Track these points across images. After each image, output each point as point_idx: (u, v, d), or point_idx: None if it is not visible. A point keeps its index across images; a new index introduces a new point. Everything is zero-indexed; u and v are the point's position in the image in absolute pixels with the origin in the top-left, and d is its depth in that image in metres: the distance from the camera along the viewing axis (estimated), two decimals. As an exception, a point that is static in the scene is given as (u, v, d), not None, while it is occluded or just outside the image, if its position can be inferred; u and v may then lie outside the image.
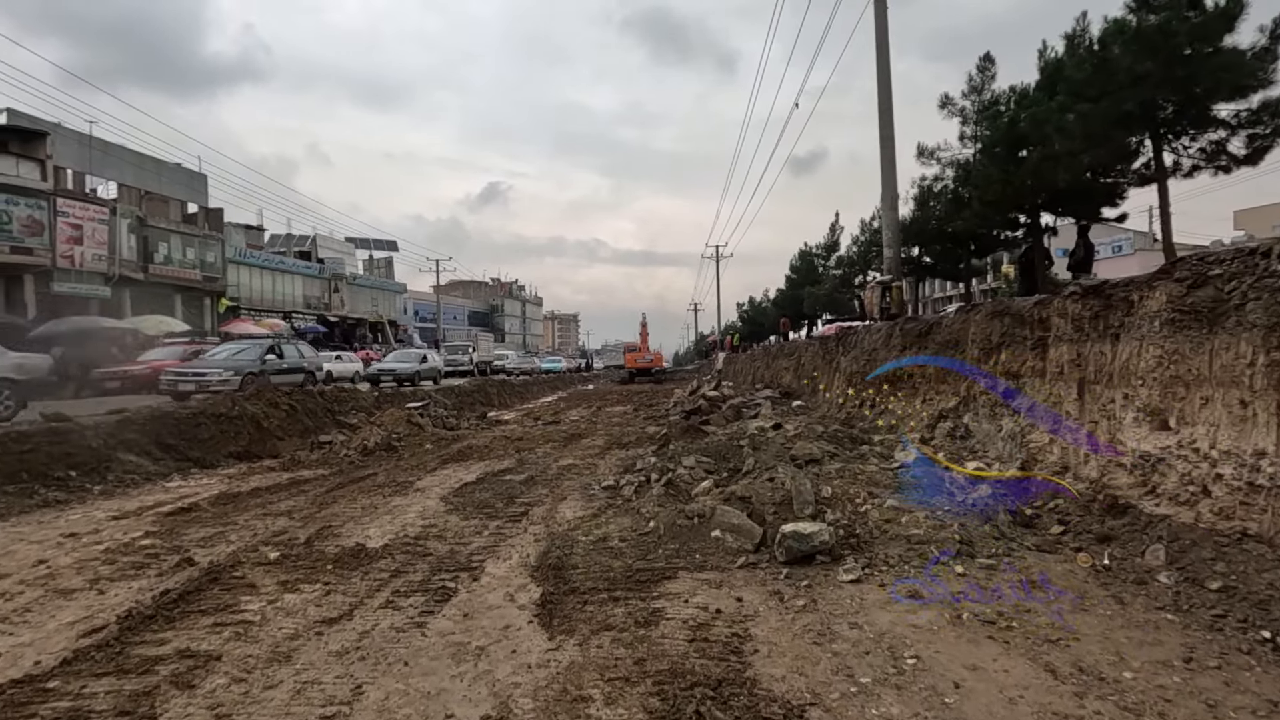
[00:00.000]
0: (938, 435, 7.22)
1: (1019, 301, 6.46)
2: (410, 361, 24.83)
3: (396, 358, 26.40)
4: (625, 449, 9.45)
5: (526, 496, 6.54)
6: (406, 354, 27.30)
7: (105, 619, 3.62)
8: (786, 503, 4.57)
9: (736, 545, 4.30)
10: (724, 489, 5.09)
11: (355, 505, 6.41)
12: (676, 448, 7.02)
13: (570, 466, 8.18)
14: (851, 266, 26.90)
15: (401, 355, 27.19)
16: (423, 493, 6.95)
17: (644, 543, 4.54)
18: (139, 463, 8.30)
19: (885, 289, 12.52)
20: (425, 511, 6.05)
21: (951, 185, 14.78)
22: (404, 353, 28.03)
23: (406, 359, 25.56)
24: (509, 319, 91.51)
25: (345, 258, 53.72)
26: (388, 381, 21.71)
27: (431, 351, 29.61)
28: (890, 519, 4.28)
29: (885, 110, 12.82)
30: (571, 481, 7.21)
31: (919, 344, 8.75)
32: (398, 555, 4.68)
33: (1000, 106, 12.92)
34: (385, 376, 22.42)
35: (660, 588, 3.81)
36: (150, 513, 6.28)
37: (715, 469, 6.20)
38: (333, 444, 10.63)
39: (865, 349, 11.00)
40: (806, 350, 16.00)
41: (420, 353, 27.30)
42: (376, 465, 8.97)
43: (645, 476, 6.47)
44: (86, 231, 27.43)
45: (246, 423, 10.40)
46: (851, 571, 3.75)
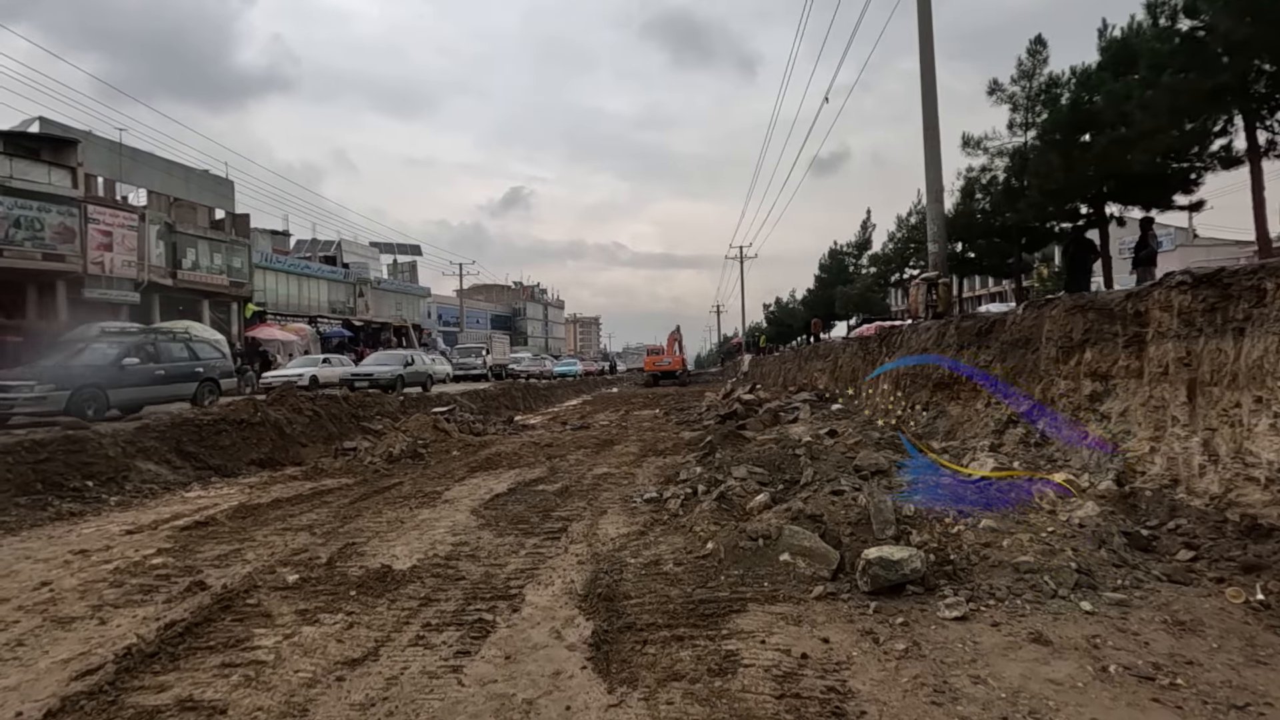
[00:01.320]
0: (1008, 442, 6.61)
1: (1106, 294, 5.85)
2: (392, 364, 21.29)
3: (376, 360, 22.99)
4: (662, 456, 8.95)
5: (563, 510, 6.06)
6: (389, 356, 23.67)
7: (103, 656, 3.20)
8: (864, 522, 4.03)
9: (810, 572, 3.77)
10: (785, 504, 4.56)
11: (380, 519, 5.98)
12: (723, 456, 6.50)
13: (606, 476, 7.69)
14: (888, 264, 26.06)
15: (383, 357, 23.49)
16: (452, 505, 6.51)
17: (702, 567, 4.02)
18: (158, 471, 7.99)
19: (931, 286, 11.86)
20: (455, 526, 5.59)
21: (1002, 175, 14.02)
22: (387, 354, 24.43)
23: (388, 361, 22.11)
24: (531, 322, 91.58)
25: (370, 262, 53.96)
26: (363, 386, 18.35)
27: (421, 354, 25.69)
28: (989, 542, 3.72)
29: (929, 97, 12.17)
30: (609, 493, 6.71)
31: (978, 343, 8.13)
32: (427, 579, 4.22)
33: (1058, 89, 12.17)
34: (361, 381, 18.88)
35: (729, 623, 3.29)
36: (165, 527, 5.91)
37: (769, 480, 5.67)
38: (357, 451, 10.28)
39: (913, 349, 10.38)
40: (844, 351, 15.36)
41: (405, 354, 23.37)
42: (402, 474, 8.57)
43: (691, 488, 5.96)
44: (116, 238, 27.62)
45: (269, 429, 10.09)
46: (954, 606, 3.20)
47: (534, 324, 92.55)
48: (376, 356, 24.01)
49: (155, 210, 31.32)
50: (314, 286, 45.18)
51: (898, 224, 25.22)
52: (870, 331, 15.28)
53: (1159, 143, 9.57)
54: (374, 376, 19.49)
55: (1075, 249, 10.85)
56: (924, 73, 12.29)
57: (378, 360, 22.80)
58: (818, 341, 25.30)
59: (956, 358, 8.58)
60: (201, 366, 12.94)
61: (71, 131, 26.80)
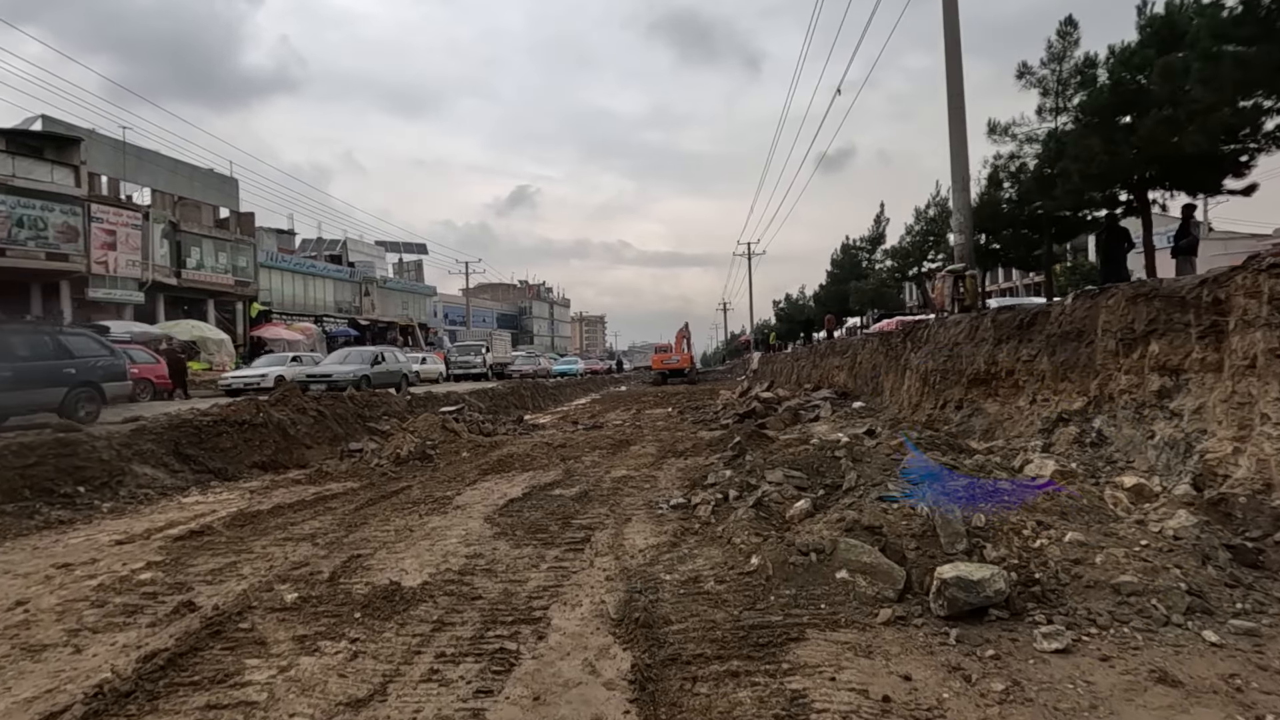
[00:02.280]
0: (1060, 442, 6.15)
1: (1174, 281, 5.37)
2: (354, 364, 18.23)
3: (337, 358, 19.68)
4: (682, 458, 8.51)
5: (584, 517, 5.63)
6: (354, 354, 20.06)
7: (72, 694, 2.80)
8: (929, 534, 3.59)
9: (872, 592, 3.34)
10: (838, 515, 4.12)
11: (388, 527, 5.57)
12: (755, 459, 6.06)
13: (625, 479, 7.27)
14: (905, 258, 25.49)
15: (346, 355, 20.04)
16: (463, 511, 6.09)
17: (749, 586, 3.59)
18: (154, 475, 7.61)
19: (959, 278, 11.38)
20: (468, 536, 5.18)
21: (1033, 163, 13.48)
22: (351, 352, 20.59)
23: (351, 360, 18.90)
24: (537, 321, 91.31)
25: (375, 261, 53.70)
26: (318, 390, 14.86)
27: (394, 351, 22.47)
28: (1078, 558, 3.27)
29: (954, 82, 11.69)
30: (632, 498, 6.28)
31: (1019, 337, 7.66)
32: (440, 598, 3.80)
33: (1094, 70, 11.61)
34: (317, 383, 15.90)
35: (789, 654, 2.86)
36: (158, 536, 5.51)
37: (808, 485, 5.23)
38: (363, 452, 9.89)
39: (942, 344, 9.91)
40: (863, 347, 14.88)
41: (373, 352, 19.86)
42: (410, 477, 8.17)
43: (722, 493, 5.53)
44: (120, 237, 27.37)
45: (272, 431, 9.70)
46: (1054, 636, 2.76)
47: (540, 323, 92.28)
48: (338, 354, 20.30)
49: (159, 209, 31.07)
50: (320, 286, 44.93)
51: (915, 216, 24.67)
52: (892, 326, 14.80)
53: (1216, 120, 9.02)
54: (332, 378, 16.50)
55: (1110, 237, 10.35)
56: (949, 56, 11.81)
57: (339, 358, 19.40)
58: (831, 338, 24.80)
59: (993, 353, 8.11)
60: (74, 367, 9.52)
61: (75, 130, 26.54)
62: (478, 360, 32.72)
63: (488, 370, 32.46)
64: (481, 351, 34.11)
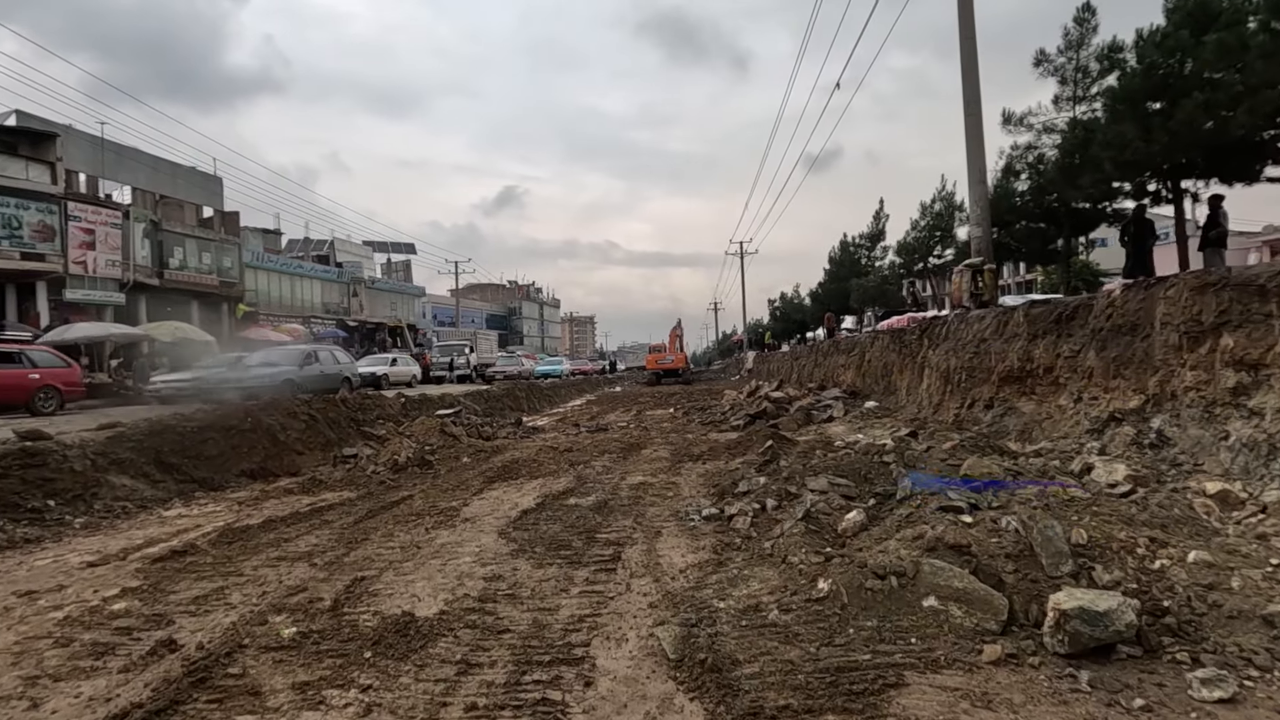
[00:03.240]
0: (1115, 443, 5.73)
1: (1249, 269, 4.97)
2: (279, 365, 14.81)
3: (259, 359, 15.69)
4: (700, 462, 8.04)
5: (608, 530, 5.14)
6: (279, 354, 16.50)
7: (22, 769, 2.28)
8: (1025, 554, 3.14)
9: (971, 623, 2.88)
10: (906, 529, 3.66)
11: (392, 543, 5.06)
12: (791, 465, 5.59)
13: (644, 486, 6.78)
14: (911, 254, 25.15)
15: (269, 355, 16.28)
16: (473, 524, 5.59)
17: (821, 616, 3.12)
18: (133, 486, 7.04)
19: (976, 272, 10.99)
20: (483, 553, 4.67)
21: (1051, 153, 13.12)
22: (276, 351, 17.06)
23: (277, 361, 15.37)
24: (527, 321, 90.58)
25: (363, 261, 52.89)
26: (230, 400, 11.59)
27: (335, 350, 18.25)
28: (1211, 583, 2.83)
29: (970, 71, 11.31)
30: (656, 508, 5.80)
31: (1058, 332, 7.26)
32: (460, 630, 3.31)
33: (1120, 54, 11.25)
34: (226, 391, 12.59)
35: (890, 704, 2.40)
36: (136, 556, 4.97)
37: (856, 494, 4.78)
38: (358, 458, 9.36)
39: (966, 341, 9.50)
40: (872, 345, 14.48)
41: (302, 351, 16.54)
42: (410, 485, 7.65)
43: (759, 502, 5.06)
44: (99, 236, 26.53)
45: (261, 436, 9.14)
46: (1215, 684, 2.31)
47: (530, 323, 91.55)
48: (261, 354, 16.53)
49: (140, 208, 30.22)
50: (307, 286, 44.11)
51: (921, 211, 24.37)
52: (903, 323, 14.41)
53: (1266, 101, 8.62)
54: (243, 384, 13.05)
55: (1137, 229, 10.00)
56: (963, 48, 11.43)
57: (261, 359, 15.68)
58: (831, 336, 24.43)
59: (1028, 349, 7.70)
60: None
61: (50, 125, 25.68)
62: (461, 361, 31.25)
63: (472, 372, 30.92)
64: (465, 352, 32.51)
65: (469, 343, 38.97)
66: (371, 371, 21.89)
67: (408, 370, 25.10)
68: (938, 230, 23.79)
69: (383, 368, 23.04)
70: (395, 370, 23.77)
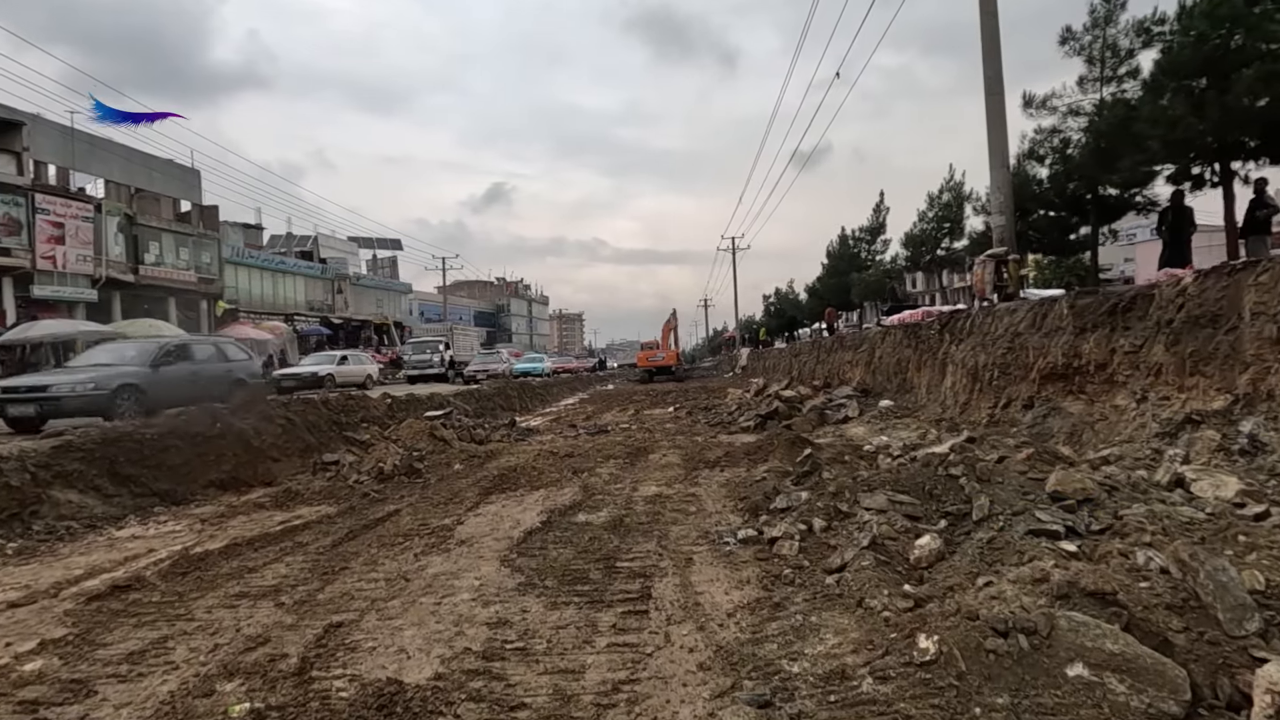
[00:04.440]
0: (1198, 449, 5.07)
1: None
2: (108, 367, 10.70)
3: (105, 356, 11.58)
4: (717, 469, 7.34)
5: (629, 556, 4.42)
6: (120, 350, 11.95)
7: None
8: (1190, 606, 2.46)
9: (1141, 703, 2.18)
10: (1011, 568, 2.98)
11: (375, 574, 4.31)
12: (838, 478, 4.88)
13: (660, 499, 6.07)
14: (919, 246, 24.52)
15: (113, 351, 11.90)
16: (470, 548, 4.85)
17: (931, 688, 2.41)
18: (81, 503, 6.23)
19: (1000, 263, 10.38)
20: (484, 588, 3.94)
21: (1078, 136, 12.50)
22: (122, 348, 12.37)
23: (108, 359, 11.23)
24: (516, 319, 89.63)
25: (348, 258, 51.79)
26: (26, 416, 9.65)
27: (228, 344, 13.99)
28: None
29: (990, 47, 10.68)
30: (680, 527, 5.08)
31: (1111, 324, 6.61)
32: (463, 706, 2.58)
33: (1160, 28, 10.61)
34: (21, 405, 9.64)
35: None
36: (71, 592, 4.18)
37: (922, 514, 4.09)
38: (339, 466, 8.56)
39: (996, 336, 8.86)
40: (883, 341, 13.84)
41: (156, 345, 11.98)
42: (397, 497, 6.89)
43: (805, 523, 4.35)
44: (69, 230, 25.43)
45: (231, 442, 8.32)
46: None
47: (518, 320, 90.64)
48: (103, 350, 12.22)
49: (113, 201, 29.09)
50: (290, 283, 43.03)
51: (929, 202, 23.73)
52: (917, 317, 13.78)
53: None
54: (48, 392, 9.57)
55: (1175, 217, 9.40)
56: (984, 20, 10.80)
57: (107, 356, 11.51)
58: (832, 332, 23.82)
59: (1074, 343, 7.06)
60: None
61: (16, 113, 24.51)
62: (435, 359, 28.66)
63: (447, 370, 28.55)
64: (439, 349, 29.81)
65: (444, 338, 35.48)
66: (312, 372, 19.42)
67: (360, 369, 22.22)
68: (946, 222, 23.21)
69: (327, 367, 20.23)
70: (343, 370, 20.83)
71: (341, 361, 21.61)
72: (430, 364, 28.25)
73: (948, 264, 24.08)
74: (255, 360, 15.12)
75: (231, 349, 13.95)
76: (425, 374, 27.53)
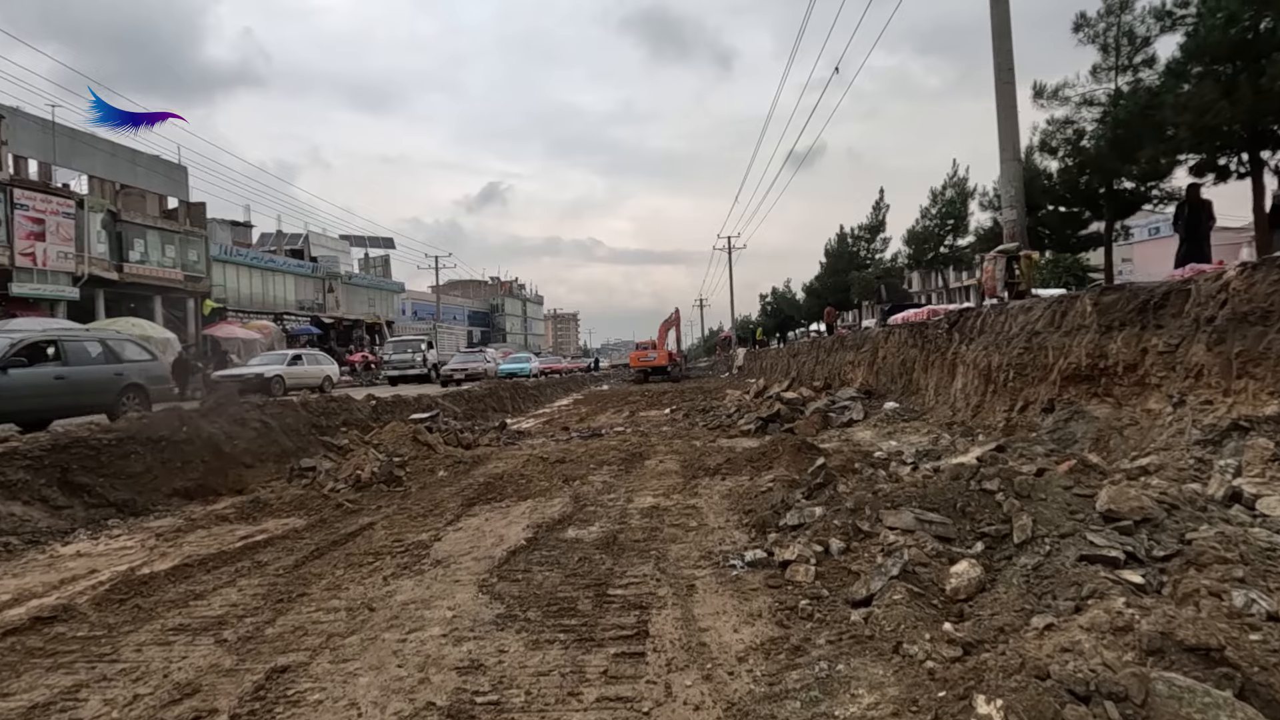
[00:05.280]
0: (1249, 459, 4.62)
1: None
2: None
3: None
4: (718, 477, 6.86)
5: (623, 580, 3.93)
6: None
7: None
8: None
9: (1275, 799, 1.70)
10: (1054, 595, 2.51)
11: (338, 601, 3.82)
12: (856, 492, 4.40)
13: (657, 512, 5.58)
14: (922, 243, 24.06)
15: None
16: (446, 568, 4.36)
17: (1000, 771, 1.94)
18: (24, 516, 5.70)
19: (1012, 260, 9.94)
20: (458, 620, 3.45)
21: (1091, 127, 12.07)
22: None
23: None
24: (510, 318, 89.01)
25: (340, 256, 51.14)
26: None
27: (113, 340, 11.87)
28: None
29: (1001, 31, 10.24)
30: (680, 545, 4.60)
31: (1142, 322, 6.16)
32: (418, 786, 2.08)
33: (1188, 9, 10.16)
34: None
35: None
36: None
37: (955, 535, 3.62)
38: (316, 472, 8.06)
39: (1010, 335, 8.41)
40: (886, 340, 13.39)
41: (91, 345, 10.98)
42: (374, 508, 6.39)
43: (820, 543, 3.88)
44: (50, 226, 24.79)
45: (200, 448, 7.80)
46: None
47: (513, 320, 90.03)
48: None
49: (97, 197, 28.45)
50: (279, 281, 42.40)
51: (932, 198, 23.28)
52: (922, 316, 13.34)
53: None
54: None
55: (1192, 210, 8.98)
56: (995, 6, 10.35)
57: None
58: (832, 331, 23.38)
59: (1100, 343, 6.61)
60: None
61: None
62: (417, 359, 27.13)
63: (429, 370, 27.12)
64: (421, 348, 28.21)
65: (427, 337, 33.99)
66: (257, 373, 17.12)
67: (316, 370, 19.69)
68: (950, 218, 22.76)
69: (275, 367, 17.91)
70: (295, 370, 18.53)
71: (294, 361, 19.33)
72: (412, 364, 26.72)
73: (950, 262, 23.65)
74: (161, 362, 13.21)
75: (130, 348, 11.80)
76: (406, 375, 26.03)
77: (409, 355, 27.54)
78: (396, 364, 27.10)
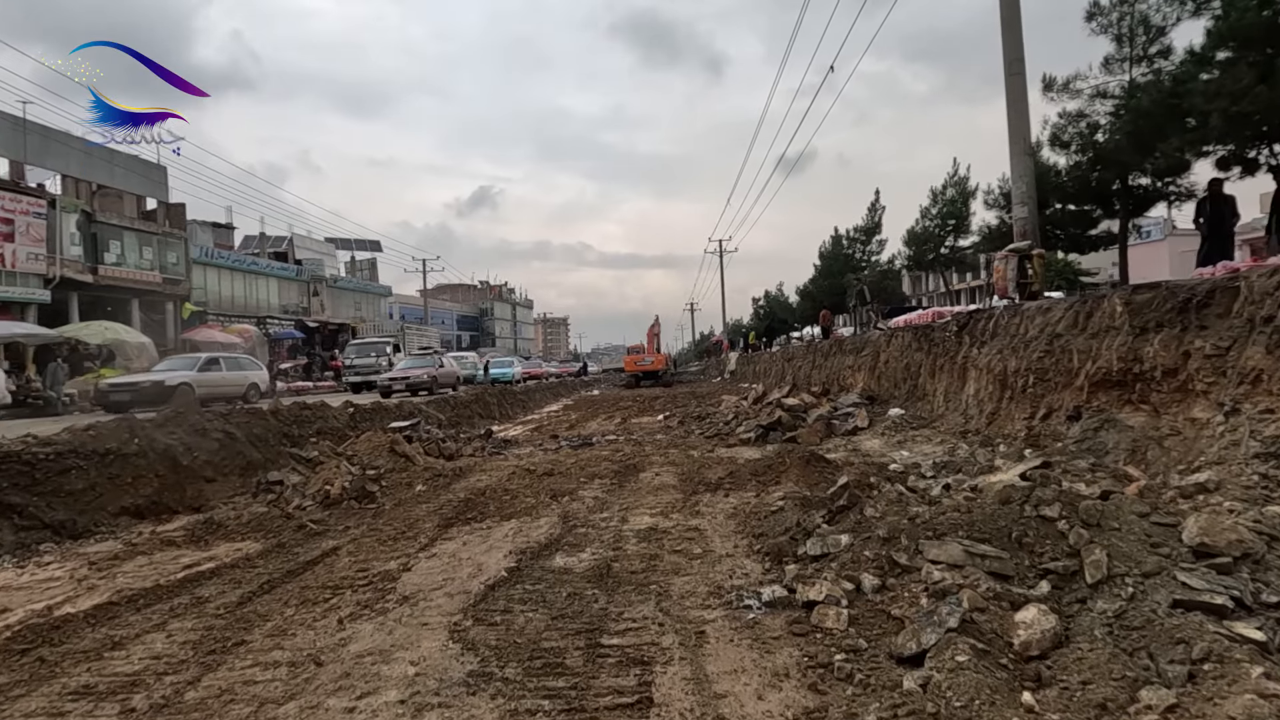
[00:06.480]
0: (1320, 476, 4.10)
1: None
2: None
3: None
4: (720, 492, 6.28)
5: (619, 626, 3.34)
6: None
7: None
8: None
9: None
10: (1160, 652, 1.95)
11: (280, 654, 3.20)
12: (886, 516, 3.84)
13: (656, 535, 5.00)
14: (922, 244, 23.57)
15: None
16: (413, 607, 3.75)
17: None
18: (-61, 543, 5.04)
19: (1024, 259, 9.45)
20: (420, 681, 2.85)
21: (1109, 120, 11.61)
22: None
23: None
24: (500, 322, 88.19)
25: (325, 259, 50.25)
26: None
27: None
28: None
29: (1011, 19, 9.78)
30: (685, 577, 4.01)
31: (1183, 323, 5.66)
32: None
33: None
34: None
35: None
36: None
37: (1013, 572, 3.06)
38: (283, 487, 7.42)
39: (1028, 338, 7.91)
40: (888, 344, 12.89)
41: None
42: (340, 529, 5.77)
43: (850, 579, 3.31)
44: (19, 227, 23.90)
45: (154, 461, 7.15)
46: None
47: (502, 324, 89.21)
48: None
49: (71, 197, 27.57)
50: (263, 285, 41.50)
51: (932, 198, 22.84)
52: (927, 319, 12.85)
53: None
54: None
55: (1214, 207, 8.53)
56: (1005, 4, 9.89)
57: None
58: (828, 335, 22.91)
59: (1133, 345, 6.10)
60: None
61: (-40, 102, 23.02)
62: (381, 363, 24.31)
63: None
64: (386, 351, 25.63)
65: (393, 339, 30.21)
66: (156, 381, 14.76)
67: (239, 377, 17.04)
68: (951, 218, 22.31)
69: (181, 374, 15.48)
70: (208, 377, 16.03)
71: (208, 366, 16.53)
72: (375, 368, 23.66)
73: (951, 263, 23.25)
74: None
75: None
76: (370, 380, 22.57)
77: (372, 359, 24.84)
78: (359, 369, 24.15)
